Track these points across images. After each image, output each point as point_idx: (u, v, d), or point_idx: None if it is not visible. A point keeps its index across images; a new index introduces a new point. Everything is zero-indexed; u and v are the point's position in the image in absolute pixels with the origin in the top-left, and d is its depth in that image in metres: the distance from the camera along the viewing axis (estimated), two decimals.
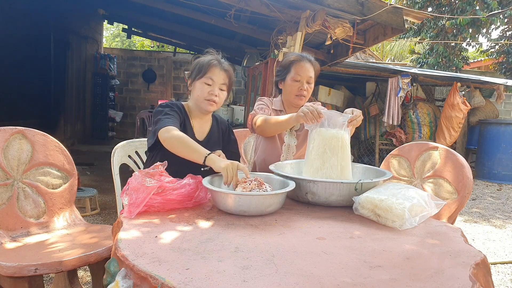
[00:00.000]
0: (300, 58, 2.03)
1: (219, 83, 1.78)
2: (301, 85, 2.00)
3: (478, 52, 11.80)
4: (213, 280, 0.87)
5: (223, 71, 1.79)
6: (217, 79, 1.78)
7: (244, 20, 5.06)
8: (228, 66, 1.83)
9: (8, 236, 1.77)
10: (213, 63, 1.78)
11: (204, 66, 1.78)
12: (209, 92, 1.76)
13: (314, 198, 1.49)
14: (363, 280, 0.91)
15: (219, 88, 1.79)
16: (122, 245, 1.04)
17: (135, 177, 1.37)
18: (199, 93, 1.78)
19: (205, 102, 1.78)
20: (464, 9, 8.64)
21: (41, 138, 1.98)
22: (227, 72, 1.80)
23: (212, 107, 1.80)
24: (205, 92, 1.77)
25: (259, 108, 2.07)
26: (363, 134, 7.61)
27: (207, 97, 1.77)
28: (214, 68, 1.77)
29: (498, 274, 2.94)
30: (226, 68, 1.81)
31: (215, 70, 1.77)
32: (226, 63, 1.84)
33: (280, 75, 2.09)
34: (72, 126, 8.31)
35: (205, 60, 1.81)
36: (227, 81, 1.81)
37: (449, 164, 1.95)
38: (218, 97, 1.79)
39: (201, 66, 1.80)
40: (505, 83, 7.11)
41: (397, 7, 3.52)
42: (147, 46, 15.99)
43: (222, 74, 1.78)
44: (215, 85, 1.78)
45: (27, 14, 6.08)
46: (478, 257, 1.06)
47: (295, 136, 2.09)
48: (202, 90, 1.77)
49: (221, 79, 1.78)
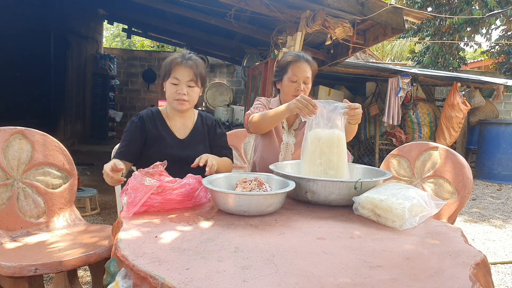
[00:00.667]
0: (297, 58, 2.01)
1: (186, 80, 1.76)
2: (298, 85, 1.99)
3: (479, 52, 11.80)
4: (213, 280, 0.87)
5: (187, 67, 1.75)
6: (182, 77, 1.75)
7: (244, 20, 5.06)
8: (194, 61, 1.78)
9: (8, 236, 1.77)
10: (176, 62, 1.76)
11: (168, 66, 1.78)
12: (177, 92, 1.76)
13: (314, 197, 1.49)
14: (363, 280, 0.91)
15: (187, 86, 1.77)
16: (122, 245, 1.04)
17: (135, 176, 1.37)
18: (168, 94, 1.79)
19: (175, 102, 1.78)
20: (463, 8, 8.64)
21: (41, 138, 1.98)
22: (192, 67, 1.76)
23: (183, 106, 1.79)
24: (173, 92, 1.77)
25: (255, 108, 2.07)
26: (363, 134, 7.61)
27: (176, 97, 1.77)
28: (177, 67, 1.76)
29: (498, 274, 2.94)
30: (191, 63, 1.77)
31: (179, 69, 1.75)
32: (192, 57, 1.80)
33: (277, 75, 2.09)
34: (72, 126, 8.31)
35: (169, 59, 1.80)
36: (194, 77, 1.77)
37: (449, 164, 1.95)
38: (188, 94, 1.77)
39: (166, 66, 1.79)
40: (505, 83, 7.11)
41: (397, 7, 3.52)
42: (147, 46, 15.98)
43: (187, 71, 1.75)
44: (182, 83, 1.76)
45: (27, 14, 6.08)
46: (478, 257, 1.06)
47: (294, 135, 2.09)
48: (170, 90, 1.78)
49: (186, 76, 1.76)
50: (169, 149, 1.78)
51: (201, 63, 1.83)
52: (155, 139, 1.81)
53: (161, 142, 1.81)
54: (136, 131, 1.80)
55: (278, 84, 2.09)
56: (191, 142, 1.86)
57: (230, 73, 10.79)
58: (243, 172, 1.95)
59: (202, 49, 9.43)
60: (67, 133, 7.89)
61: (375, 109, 7.15)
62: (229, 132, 2.51)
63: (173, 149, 1.79)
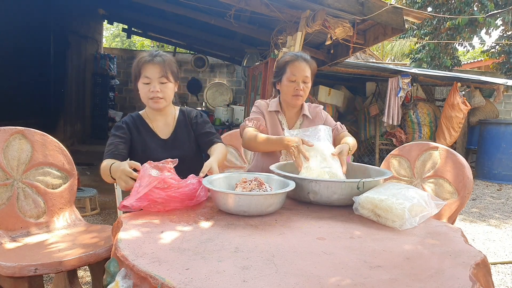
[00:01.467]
0: (295, 58, 1.99)
1: (157, 77, 1.74)
2: (297, 85, 1.97)
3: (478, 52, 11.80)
4: (213, 280, 0.87)
5: (156, 64, 1.73)
6: (153, 74, 1.73)
7: (244, 20, 5.06)
8: (162, 57, 1.77)
9: (8, 236, 1.77)
10: (144, 60, 1.74)
11: (137, 66, 1.77)
12: (150, 90, 1.74)
13: (316, 197, 1.49)
14: (363, 280, 0.91)
15: (159, 82, 1.75)
16: (122, 245, 1.04)
17: (144, 168, 1.38)
18: (142, 95, 1.78)
19: (150, 101, 1.77)
20: (462, 10, 8.66)
21: (40, 138, 1.97)
22: (160, 64, 1.74)
23: (159, 104, 1.77)
24: (147, 91, 1.75)
25: (250, 120, 2.02)
26: (363, 134, 7.61)
27: (149, 96, 1.75)
28: (146, 65, 1.74)
29: (498, 274, 2.94)
30: (159, 60, 1.75)
31: (148, 67, 1.73)
32: (160, 54, 1.78)
33: (276, 76, 2.07)
34: (72, 126, 8.31)
35: (136, 60, 1.79)
36: (165, 73, 1.75)
37: (449, 164, 1.95)
38: (162, 91, 1.75)
39: (135, 67, 1.78)
40: (505, 83, 7.11)
41: (397, 7, 3.52)
42: (147, 46, 15.99)
43: (156, 67, 1.73)
44: (153, 81, 1.74)
45: (27, 14, 6.08)
46: (478, 257, 1.06)
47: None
48: (143, 90, 1.76)
49: (156, 73, 1.73)
50: (154, 153, 1.76)
51: (170, 58, 1.81)
52: (139, 145, 1.81)
53: (145, 147, 1.81)
54: (125, 133, 1.80)
55: (278, 85, 2.07)
56: (175, 141, 1.84)
57: (230, 73, 10.80)
58: (243, 172, 1.95)
59: (202, 49, 9.44)
60: (67, 133, 7.89)
61: (375, 109, 7.15)
62: (229, 132, 2.51)
63: (158, 152, 1.78)
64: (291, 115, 2.09)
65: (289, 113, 2.08)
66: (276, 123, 2.05)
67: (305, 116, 2.08)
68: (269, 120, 2.05)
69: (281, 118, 2.06)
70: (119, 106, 10.56)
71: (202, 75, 10.62)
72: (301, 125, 2.09)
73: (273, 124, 2.04)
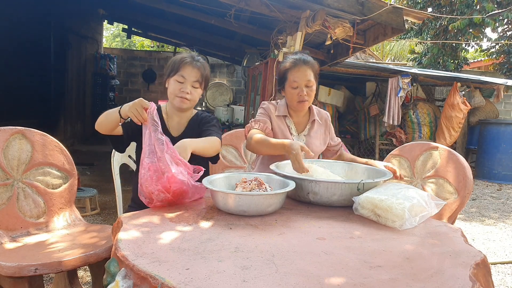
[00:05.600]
0: (294, 63, 1.94)
1: (191, 80, 1.79)
2: (300, 90, 1.92)
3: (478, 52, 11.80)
4: (213, 280, 0.87)
5: (195, 68, 1.79)
6: (189, 76, 1.79)
7: (244, 20, 5.07)
8: (201, 63, 1.83)
9: (8, 236, 1.77)
10: (186, 61, 1.80)
11: (177, 63, 1.80)
12: (180, 89, 1.78)
13: (316, 198, 1.49)
14: (363, 280, 0.91)
15: (192, 86, 1.80)
16: (122, 245, 1.04)
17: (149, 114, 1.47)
18: (171, 90, 1.81)
19: (176, 99, 1.80)
20: (463, 12, 8.67)
21: (40, 138, 1.98)
22: (200, 69, 1.81)
23: (184, 104, 1.81)
24: (177, 89, 1.79)
25: (256, 121, 1.98)
26: (363, 134, 7.61)
27: (178, 94, 1.79)
28: (186, 66, 1.79)
29: (498, 274, 2.94)
30: (199, 65, 1.81)
31: (187, 68, 1.79)
32: (200, 60, 1.84)
33: (279, 84, 2.03)
34: (72, 126, 8.31)
35: (178, 57, 1.83)
36: (200, 78, 1.81)
37: (449, 164, 1.95)
38: (191, 94, 1.80)
39: (174, 64, 1.82)
40: (505, 83, 7.11)
41: (397, 7, 3.52)
42: (147, 46, 15.99)
43: (194, 71, 1.79)
44: (187, 82, 1.79)
45: (27, 14, 6.08)
46: (478, 257, 1.06)
47: (304, 141, 2.03)
48: (174, 87, 1.80)
49: (193, 76, 1.79)
50: None
51: (207, 66, 1.87)
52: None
53: None
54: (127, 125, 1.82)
55: (283, 92, 2.03)
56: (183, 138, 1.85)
57: (230, 73, 10.79)
58: (243, 172, 1.95)
59: (202, 49, 9.43)
60: (67, 133, 7.89)
61: (375, 109, 7.15)
62: (229, 132, 2.51)
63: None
64: (299, 120, 2.06)
65: (297, 118, 2.05)
66: (285, 128, 2.01)
67: (314, 121, 2.06)
68: (277, 124, 2.00)
69: (289, 122, 2.03)
70: None
71: None
72: (309, 129, 2.06)
73: (282, 129, 2.00)
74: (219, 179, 1.53)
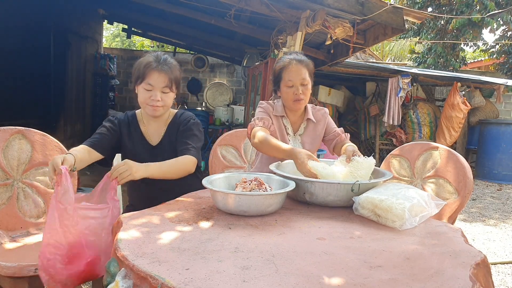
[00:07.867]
0: (288, 63, 1.93)
1: (160, 86, 1.68)
2: (295, 89, 1.92)
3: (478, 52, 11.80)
4: (213, 280, 0.87)
5: (162, 73, 1.67)
6: (156, 83, 1.67)
7: (244, 20, 5.06)
8: (168, 65, 1.70)
9: (8, 236, 1.77)
10: (150, 66, 1.67)
11: (141, 70, 1.68)
12: (150, 98, 1.69)
13: (312, 198, 1.49)
14: (363, 280, 0.91)
15: (161, 91, 1.69)
16: (122, 245, 1.04)
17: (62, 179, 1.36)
18: (141, 100, 1.72)
19: (148, 107, 1.71)
20: (463, 11, 8.67)
21: (40, 138, 1.97)
22: (167, 73, 1.68)
23: (157, 112, 1.72)
24: (147, 97, 1.69)
25: (259, 119, 1.97)
26: (363, 134, 7.61)
27: (149, 103, 1.70)
28: (152, 72, 1.67)
29: (498, 274, 2.94)
30: (166, 69, 1.68)
31: (153, 74, 1.67)
32: (167, 61, 1.72)
33: (274, 83, 2.03)
34: (72, 126, 8.31)
35: (143, 63, 1.70)
36: (169, 83, 1.69)
37: (449, 164, 1.95)
38: (162, 100, 1.70)
39: (139, 70, 1.69)
40: (505, 83, 7.11)
41: (397, 7, 3.52)
42: (147, 46, 15.98)
43: (161, 76, 1.67)
44: (156, 89, 1.68)
45: (27, 14, 6.08)
46: (478, 257, 1.06)
47: (300, 141, 2.05)
48: (143, 96, 1.70)
49: (161, 82, 1.67)
50: (141, 158, 1.65)
51: (176, 66, 1.75)
52: (127, 147, 1.79)
53: (133, 150, 1.79)
54: (113, 128, 1.78)
55: (278, 92, 2.03)
56: (163, 148, 1.80)
57: (230, 73, 10.79)
58: (243, 172, 1.95)
59: (202, 49, 9.43)
60: (67, 133, 7.89)
61: (375, 109, 7.15)
62: (229, 132, 2.51)
63: (145, 157, 1.71)
64: (295, 119, 2.06)
65: (293, 117, 2.06)
66: (282, 127, 2.02)
67: (309, 120, 2.06)
68: (275, 124, 2.01)
69: (285, 122, 2.04)
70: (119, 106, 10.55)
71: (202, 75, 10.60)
72: (305, 129, 2.06)
73: (279, 129, 2.01)
74: (219, 179, 1.52)
